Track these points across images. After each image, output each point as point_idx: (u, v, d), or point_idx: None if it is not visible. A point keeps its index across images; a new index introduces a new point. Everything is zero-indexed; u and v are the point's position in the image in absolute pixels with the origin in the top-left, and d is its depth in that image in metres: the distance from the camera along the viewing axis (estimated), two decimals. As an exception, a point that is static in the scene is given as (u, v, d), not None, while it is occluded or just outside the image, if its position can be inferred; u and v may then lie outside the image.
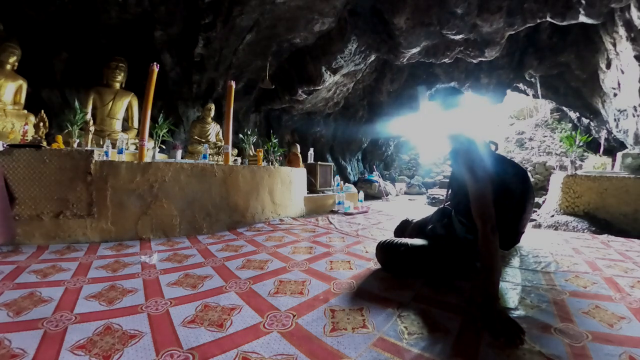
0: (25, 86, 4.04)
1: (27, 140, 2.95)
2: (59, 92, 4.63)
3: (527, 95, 8.37)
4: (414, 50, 6.14)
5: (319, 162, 5.21)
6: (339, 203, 4.63)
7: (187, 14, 4.61)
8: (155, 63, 3.34)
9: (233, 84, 3.85)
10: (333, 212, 4.55)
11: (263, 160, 5.06)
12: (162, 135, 4.32)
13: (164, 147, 4.80)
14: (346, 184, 6.03)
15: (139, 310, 1.40)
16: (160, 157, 4.27)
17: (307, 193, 4.59)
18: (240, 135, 5.52)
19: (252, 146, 5.73)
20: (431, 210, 2.45)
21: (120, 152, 3.27)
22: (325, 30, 5.74)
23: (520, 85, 8.08)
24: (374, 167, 9.89)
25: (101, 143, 4.07)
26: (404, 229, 2.43)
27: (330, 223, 3.64)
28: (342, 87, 7.60)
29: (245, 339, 1.15)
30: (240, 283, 1.73)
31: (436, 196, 7.71)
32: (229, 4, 4.52)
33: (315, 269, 1.97)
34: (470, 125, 1.67)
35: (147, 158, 3.25)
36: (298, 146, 6.01)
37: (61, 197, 2.49)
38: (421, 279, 1.75)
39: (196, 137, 5.59)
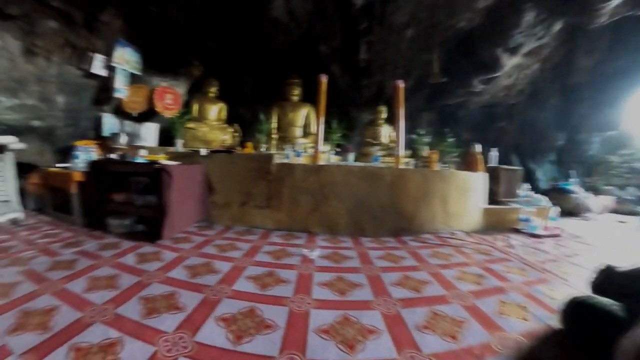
0: (224, 107, 5.41)
1: (225, 146, 3.89)
2: (250, 108, 5.86)
3: None
4: (616, 1, 4.24)
5: (503, 166, 4.41)
6: (524, 219, 3.75)
7: (343, 25, 4.82)
8: (323, 74, 3.65)
9: (401, 83, 3.66)
10: (515, 230, 3.72)
11: (444, 162, 4.72)
12: (336, 139, 4.80)
13: (339, 149, 5.17)
14: (535, 195, 4.77)
15: (282, 303, 1.54)
16: (335, 159, 4.59)
17: (486, 203, 3.93)
18: (413, 136, 5.37)
19: (426, 147, 5.49)
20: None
21: (298, 155, 3.77)
22: (491, 4, 4.77)
23: None
24: (571, 171, 7.47)
25: (283, 148, 4.90)
26: (606, 282, 1.55)
27: (510, 246, 3.01)
28: (525, 69, 6.14)
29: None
30: (389, 303, 1.62)
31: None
32: (381, 4, 4.43)
33: (480, 308, 1.62)
34: None
35: (322, 160, 3.60)
36: (478, 146, 5.06)
37: (246, 191, 3.15)
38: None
39: (368, 140, 5.77)
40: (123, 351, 1.16)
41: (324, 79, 3.63)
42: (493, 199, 4.05)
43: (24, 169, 3.55)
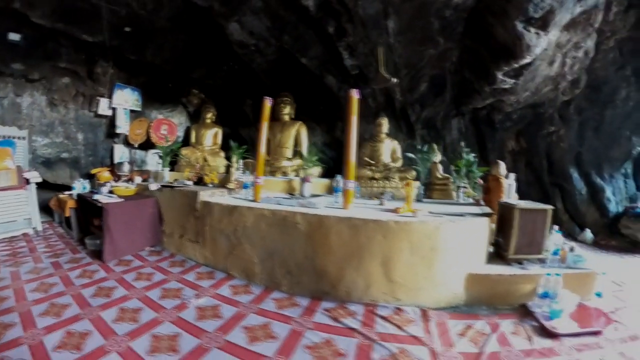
0: (220, 132, 5.80)
1: (199, 173, 4.28)
2: (254, 128, 5.89)
3: None
4: None
5: (521, 204, 2.79)
6: (544, 295, 2.37)
7: (312, 31, 4.46)
8: (267, 97, 3.52)
9: (355, 93, 3.11)
10: (525, 310, 2.41)
11: (458, 188, 3.96)
12: (314, 163, 4.68)
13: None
14: (574, 252, 2.80)
15: (110, 336, 1.90)
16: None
17: (483, 263, 2.70)
18: (411, 155, 4.66)
19: (439, 166, 4.67)
20: None
21: (245, 187, 3.73)
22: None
23: None
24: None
25: (273, 172, 5.01)
26: None
27: (479, 354, 1.89)
28: (573, 50, 4.37)
29: None
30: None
31: None
32: (337, -2, 3.87)
33: None
34: None
35: (263, 195, 3.38)
36: (502, 165, 3.80)
37: (182, 225, 3.50)
38: None
39: (366, 159, 5.09)
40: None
41: (268, 103, 3.49)
42: (501, 254, 2.87)
43: (61, 189, 4.75)
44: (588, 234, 5.24)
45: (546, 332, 2.09)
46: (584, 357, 1.88)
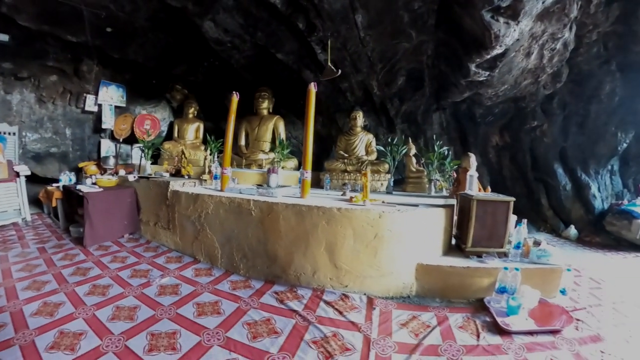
0: (202, 126, 6.18)
1: (177, 166, 4.62)
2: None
3: None
4: None
5: (479, 195, 2.84)
6: (501, 290, 2.35)
7: (285, 27, 4.65)
8: (235, 92, 3.80)
9: (313, 86, 3.23)
10: (482, 304, 2.39)
11: (431, 181, 4.22)
12: (284, 156, 4.96)
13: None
14: (540, 247, 2.73)
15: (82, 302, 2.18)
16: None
17: (447, 254, 2.84)
18: (380, 148, 4.97)
19: (414, 159, 4.94)
20: None
21: (215, 178, 4.10)
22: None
23: None
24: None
25: (244, 164, 5.38)
26: None
27: (417, 345, 1.90)
28: (551, 41, 4.41)
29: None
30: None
31: None
32: (303, -7, 4.02)
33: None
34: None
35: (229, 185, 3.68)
36: (472, 157, 3.97)
37: (156, 213, 3.83)
38: None
39: (341, 152, 5.44)
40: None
41: (235, 97, 3.76)
42: (460, 245, 2.92)
43: (51, 182, 5.15)
44: (572, 230, 5.35)
45: (498, 329, 2.02)
46: (533, 357, 1.81)
